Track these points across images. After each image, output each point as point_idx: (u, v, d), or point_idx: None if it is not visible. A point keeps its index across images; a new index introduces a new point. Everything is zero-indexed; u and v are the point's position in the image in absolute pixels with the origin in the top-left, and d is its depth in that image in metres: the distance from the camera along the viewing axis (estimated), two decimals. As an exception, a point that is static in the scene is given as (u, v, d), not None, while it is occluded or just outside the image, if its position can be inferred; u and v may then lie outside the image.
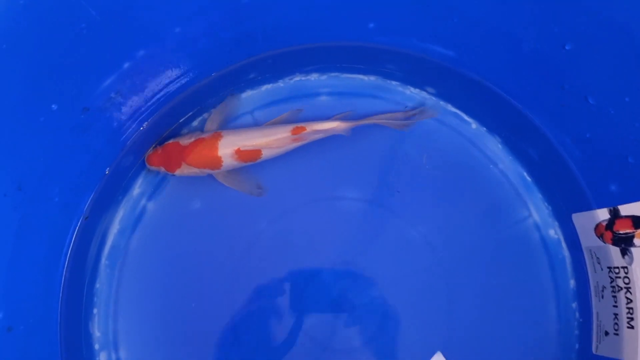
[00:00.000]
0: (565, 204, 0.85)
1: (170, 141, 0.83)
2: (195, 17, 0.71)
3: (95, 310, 0.84)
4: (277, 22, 0.77)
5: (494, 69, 0.80)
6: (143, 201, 0.87)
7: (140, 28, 0.67)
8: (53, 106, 0.66)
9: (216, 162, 0.81)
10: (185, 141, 0.82)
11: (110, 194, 0.84)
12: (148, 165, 0.84)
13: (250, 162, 0.83)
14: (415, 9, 0.75)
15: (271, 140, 0.81)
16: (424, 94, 0.89)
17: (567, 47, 0.69)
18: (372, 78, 0.90)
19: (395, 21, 0.78)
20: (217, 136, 0.82)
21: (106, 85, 0.70)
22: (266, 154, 0.82)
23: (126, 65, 0.71)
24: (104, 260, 0.85)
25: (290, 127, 0.82)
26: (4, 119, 0.60)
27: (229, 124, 0.88)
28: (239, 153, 0.81)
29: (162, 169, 0.83)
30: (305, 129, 0.82)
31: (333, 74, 0.90)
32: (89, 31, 0.62)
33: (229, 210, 0.87)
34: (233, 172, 0.85)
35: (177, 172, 0.82)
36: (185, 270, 0.86)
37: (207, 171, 0.83)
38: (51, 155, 0.70)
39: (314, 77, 0.90)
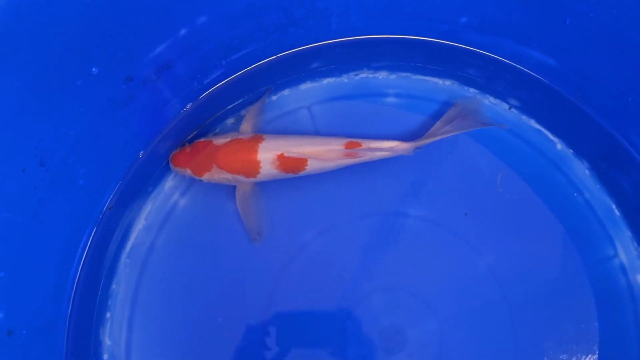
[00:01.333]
0: (659, 247, 0.74)
1: (202, 139, 0.72)
2: (269, -16, 0.60)
3: (108, 315, 0.72)
4: (357, 4, 0.67)
5: (600, 87, 0.69)
6: (175, 196, 0.76)
7: (207, -12, 0.57)
8: (93, 69, 0.55)
9: (253, 168, 0.70)
10: (219, 141, 0.71)
11: (140, 184, 0.74)
12: (172, 167, 0.73)
13: (291, 174, 0.72)
14: (522, 3, 0.65)
15: (320, 151, 0.70)
16: (504, 105, 0.79)
17: None
18: (448, 83, 0.79)
19: (493, 17, 0.68)
20: (258, 138, 0.71)
21: (157, 52, 0.60)
22: (312, 166, 0.71)
23: (183, 31, 0.60)
24: (123, 258, 0.74)
25: (344, 140, 0.71)
26: (35, 75, 0.49)
27: (283, 118, 0.77)
28: (281, 159, 0.70)
29: (189, 172, 0.71)
30: (361, 145, 0.70)
31: (404, 74, 0.79)
32: (148, -18, 0.51)
33: (272, 215, 0.76)
34: (253, 198, 0.73)
35: (206, 177, 0.71)
36: (214, 279, 0.75)
37: (241, 179, 0.71)
38: (83, 128, 0.59)
39: (382, 75, 0.79)
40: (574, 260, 0.76)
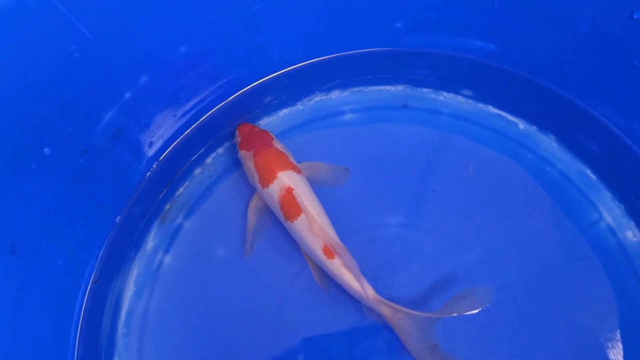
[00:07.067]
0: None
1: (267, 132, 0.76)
2: (202, 32, 0.61)
3: (115, 391, 0.71)
4: (294, 32, 0.68)
5: (544, 58, 0.71)
6: (159, 255, 0.76)
7: (141, 48, 0.58)
8: (46, 150, 0.55)
9: (268, 176, 0.71)
10: (278, 144, 0.74)
11: (121, 251, 0.73)
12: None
13: (283, 216, 0.71)
14: (449, -2, 0.66)
15: (314, 215, 0.69)
16: (459, 98, 0.80)
17: (635, 16, 0.60)
18: (400, 88, 0.80)
19: (426, 16, 0.69)
20: (296, 168, 0.72)
21: (106, 120, 0.60)
22: (298, 226, 0.70)
23: (127, 95, 0.60)
24: (120, 329, 0.73)
25: (324, 244, 0.69)
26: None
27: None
28: (287, 192, 0.70)
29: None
30: (334, 258, 0.69)
31: (356, 89, 0.80)
32: (81, 54, 0.52)
33: (258, 254, 0.75)
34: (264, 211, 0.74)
35: (241, 153, 0.74)
36: (214, 331, 0.73)
37: (254, 177, 0.72)
38: (49, 208, 0.58)
39: (335, 94, 0.80)
40: (562, 232, 0.76)
